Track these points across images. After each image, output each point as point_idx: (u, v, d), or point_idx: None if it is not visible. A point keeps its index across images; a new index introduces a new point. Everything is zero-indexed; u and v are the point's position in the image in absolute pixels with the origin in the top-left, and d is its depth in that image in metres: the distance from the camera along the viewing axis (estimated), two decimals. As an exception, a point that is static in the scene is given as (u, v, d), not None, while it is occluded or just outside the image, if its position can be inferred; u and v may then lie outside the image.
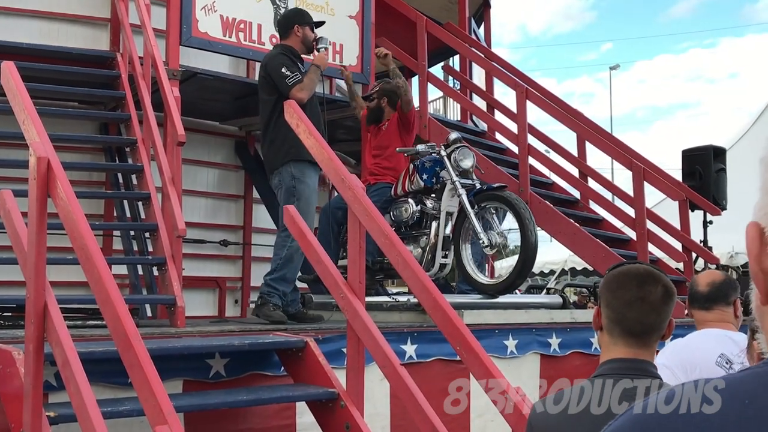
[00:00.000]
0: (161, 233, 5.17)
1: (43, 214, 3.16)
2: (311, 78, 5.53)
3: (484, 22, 11.10)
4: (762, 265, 0.85)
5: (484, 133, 9.30)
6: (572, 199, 8.55)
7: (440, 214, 5.83)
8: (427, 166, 6.00)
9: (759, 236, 0.85)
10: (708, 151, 8.63)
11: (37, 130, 3.34)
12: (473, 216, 5.58)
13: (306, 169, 5.43)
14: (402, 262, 3.74)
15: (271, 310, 5.27)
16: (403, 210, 6.01)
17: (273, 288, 5.35)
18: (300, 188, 5.43)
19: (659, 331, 2.14)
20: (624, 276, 2.14)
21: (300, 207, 5.25)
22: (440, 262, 5.79)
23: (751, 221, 0.87)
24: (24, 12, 6.83)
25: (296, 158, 5.37)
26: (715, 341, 2.90)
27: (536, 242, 5.55)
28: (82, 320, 4.76)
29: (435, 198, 5.95)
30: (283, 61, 5.56)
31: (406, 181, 6.14)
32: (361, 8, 7.58)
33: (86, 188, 6.94)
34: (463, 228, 5.76)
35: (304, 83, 5.46)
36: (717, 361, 2.88)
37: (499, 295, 5.70)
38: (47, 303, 3.13)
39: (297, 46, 5.81)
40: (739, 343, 2.99)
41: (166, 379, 3.82)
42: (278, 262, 5.40)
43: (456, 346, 3.48)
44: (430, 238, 5.82)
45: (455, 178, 5.74)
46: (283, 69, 5.48)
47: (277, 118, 5.37)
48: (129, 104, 6.20)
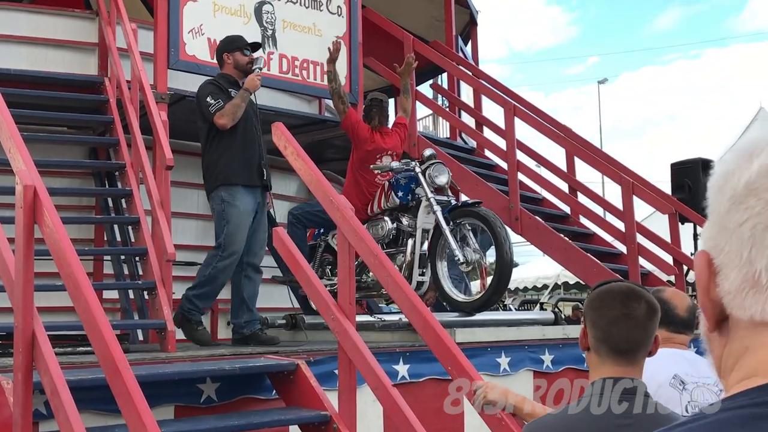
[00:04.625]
0: (151, 257, 5.15)
1: (30, 242, 3.15)
2: (235, 103, 5.58)
3: (471, 40, 11.16)
4: (710, 295, 0.85)
5: (473, 150, 9.33)
6: (563, 214, 8.57)
7: (416, 232, 5.79)
8: (402, 183, 5.98)
9: (707, 265, 0.86)
10: (696, 163, 8.68)
11: (23, 158, 3.34)
12: (448, 233, 5.56)
13: (236, 192, 5.52)
14: (392, 282, 3.74)
15: (195, 329, 5.32)
16: (379, 228, 5.98)
17: (194, 305, 5.39)
18: (229, 211, 5.49)
19: (646, 347, 2.15)
20: (607, 294, 2.15)
21: (229, 230, 5.42)
22: (417, 280, 5.76)
23: (700, 250, 0.88)
24: (11, 38, 6.83)
25: (225, 182, 5.49)
26: (669, 362, 2.89)
27: (512, 259, 5.57)
28: (72, 347, 4.74)
29: (411, 215, 5.91)
30: (210, 90, 5.67)
31: (382, 199, 6.12)
32: (348, 29, 7.61)
33: (76, 213, 6.92)
34: (439, 245, 5.72)
35: (225, 109, 5.54)
36: (671, 383, 2.88)
37: (476, 312, 5.69)
38: (35, 331, 3.11)
39: (232, 73, 5.89)
40: (692, 362, 3.00)
41: (157, 405, 3.82)
42: (202, 278, 5.44)
43: (447, 366, 3.48)
44: (406, 255, 5.78)
45: (430, 194, 5.71)
46: (208, 98, 5.60)
47: (209, 145, 5.56)
48: (117, 128, 6.21)
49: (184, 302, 5.40)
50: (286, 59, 7.19)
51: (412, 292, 3.74)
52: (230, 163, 5.50)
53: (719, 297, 0.85)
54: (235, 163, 5.54)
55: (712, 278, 0.85)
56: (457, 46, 10.01)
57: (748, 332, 0.83)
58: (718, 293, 0.85)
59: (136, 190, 5.72)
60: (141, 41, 6.30)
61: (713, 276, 0.85)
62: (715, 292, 0.85)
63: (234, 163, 5.53)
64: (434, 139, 8.95)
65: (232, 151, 5.55)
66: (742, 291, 0.82)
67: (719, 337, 0.88)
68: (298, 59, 7.25)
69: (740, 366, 0.84)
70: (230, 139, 5.59)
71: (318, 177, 4.15)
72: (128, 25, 6.15)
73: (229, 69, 5.92)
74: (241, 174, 5.55)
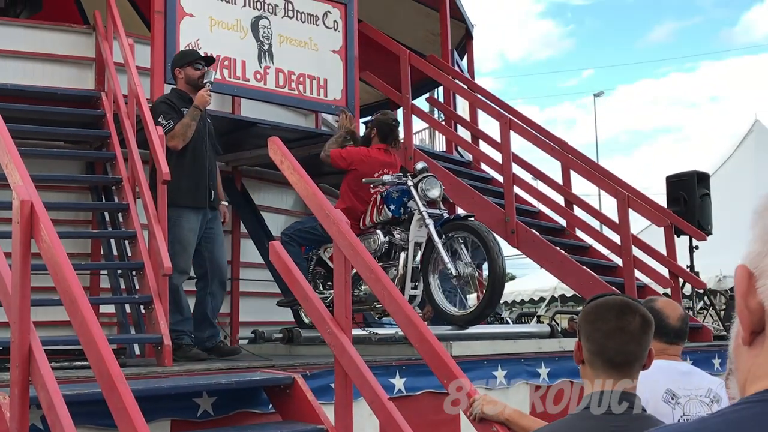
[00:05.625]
0: (147, 271, 5.16)
1: (26, 257, 3.16)
2: (185, 123, 5.58)
3: (467, 54, 11.21)
4: (748, 303, 0.87)
5: (469, 163, 9.36)
6: (558, 227, 8.59)
7: (408, 245, 5.78)
8: (394, 196, 5.96)
9: (748, 277, 0.88)
10: (692, 176, 8.71)
11: (19, 172, 3.35)
12: (441, 246, 5.55)
13: (182, 212, 5.56)
14: (387, 296, 3.75)
15: (188, 351, 5.37)
16: (371, 241, 5.95)
17: (179, 332, 5.42)
18: (174, 231, 5.50)
19: (640, 360, 2.16)
20: (602, 308, 2.17)
21: (175, 249, 5.45)
22: (410, 293, 5.75)
23: (741, 264, 0.90)
24: (8, 53, 6.85)
25: (172, 203, 5.45)
26: (662, 376, 2.89)
27: (504, 272, 5.55)
28: (69, 362, 4.73)
29: (403, 228, 5.90)
30: (162, 110, 5.68)
31: (374, 212, 6.12)
32: (344, 43, 7.65)
33: (73, 227, 6.93)
34: (431, 259, 5.71)
35: (174, 131, 5.56)
36: (663, 398, 2.89)
37: (468, 326, 5.69)
38: (32, 346, 3.11)
39: (184, 88, 5.89)
40: (685, 373, 3.02)
41: (154, 420, 3.82)
42: (170, 305, 5.42)
43: (443, 380, 3.48)
44: (398, 269, 5.76)
45: (422, 208, 5.70)
46: (160, 118, 5.60)
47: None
48: (114, 143, 6.22)
49: (171, 335, 5.43)
50: (283, 73, 7.23)
51: (407, 306, 3.75)
52: (178, 185, 5.47)
53: (758, 303, 0.86)
54: (183, 184, 5.55)
55: (751, 288, 0.87)
56: (452, 59, 10.06)
57: None
58: (759, 299, 0.86)
59: (132, 205, 5.72)
60: (138, 56, 6.33)
61: (753, 281, 0.87)
62: (754, 299, 0.87)
63: (181, 185, 5.53)
64: (430, 153, 8.99)
65: (181, 173, 5.53)
66: None
67: (749, 350, 0.89)
68: (295, 73, 7.29)
69: None
70: (180, 159, 5.60)
71: (314, 191, 4.17)
72: (125, 40, 6.18)
73: (181, 84, 5.91)
74: (187, 196, 5.58)
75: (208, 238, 5.74)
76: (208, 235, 5.74)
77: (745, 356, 0.89)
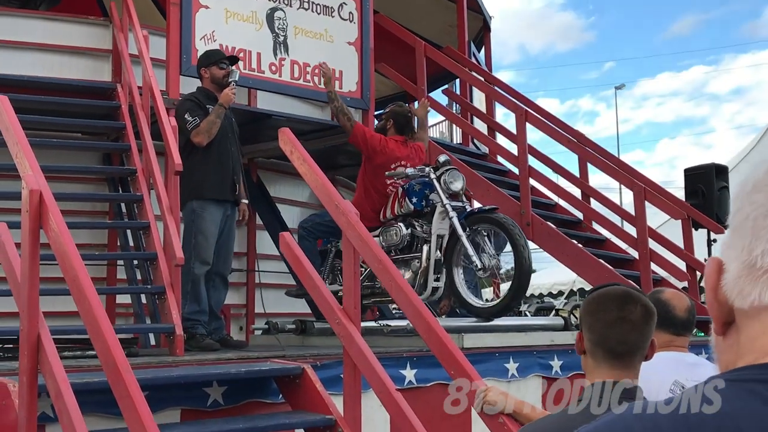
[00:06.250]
0: (160, 262, 5.19)
1: (35, 246, 3.18)
2: (210, 120, 5.70)
3: (485, 46, 11.16)
4: (717, 295, 0.88)
5: (485, 155, 9.32)
6: (575, 220, 8.54)
7: (431, 238, 5.78)
8: (416, 189, 5.97)
9: (717, 270, 0.88)
10: (710, 169, 8.63)
11: (29, 162, 3.37)
12: (465, 239, 5.55)
13: (207, 205, 5.69)
14: (395, 287, 3.74)
15: (201, 341, 5.42)
16: (393, 234, 5.97)
17: (193, 320, 5.50)
18: (198, 222, 5.65)
19: (642, 350, 2.14)
20: (603, 298, 2.15)
21: (198, 240, 5.59)
22: (432, 286, 5.75)
23: (713, 256, 0.91)
24: (26, 45, 6.90)
25: (197, 197, 5.65)
26: (669, 367, 2.86)
27: (530, 265, 5.54)
28: (82, 350, 4.77)
29: (425, 221, 5.91)
30: (188, 107, 5.81)
31: (395, 205, 6.11)
32: (359, 34, 7.63)
33: (89, 218, 6.98)
34: (455, 251, 5.71)
35: (200, 127, 5.68)
36: (671, 389, 2.85)
37: (494, 318, 5.68)
38: (40, 335, 3.14)
39: (209, 86, 6.00)
40: (692, 365, 2.98)
41: (163, 409, 3.84)
42: (187, 293, 5.54)
43: (450, 371, 3.47)
44: (421, 261, 5.77)
45: (445, 200, 5.71)
46: (186, 115, 5.74)
47: (186, 158, 5.63)
48: (129, 135, 6.26)
49: (184, 323, 5.48)
50: (298, 65, 7.22)
51: (416, 297, 3.74)
52: (204, 178, 5.67)
53: (725, 296, 0.87)
54: (209, 178, 5.70)
55: (719, 278, 0.88)
56: (470, 51, 10.01)
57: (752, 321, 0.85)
58: (724, 292, 0.87)
59: (146, 196, 5.76)
60: (154, 47, 6.35)
61: (720, 275, 0.88)
62: (721, 291, 0.87)
63: (208, 179, 5.69)
64: (446, 145, 8.96)
65: (207, 167, 5.70)
66: (740, 278, 0.84)
67: (725, 341, 0.89)
68: (310, 65, 7.28)
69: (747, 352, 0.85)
70: (206, 154, 5.72)
71: (324, 182, 4.17)
72: (140, 31, 6.20)
73: (207, 83, 6.03)
74: (213, 189, 5.72)
75: (222, 232, 5.80)
76: (223, 230, 5.80)
77: (722, 346, 0.90)
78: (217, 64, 6.02)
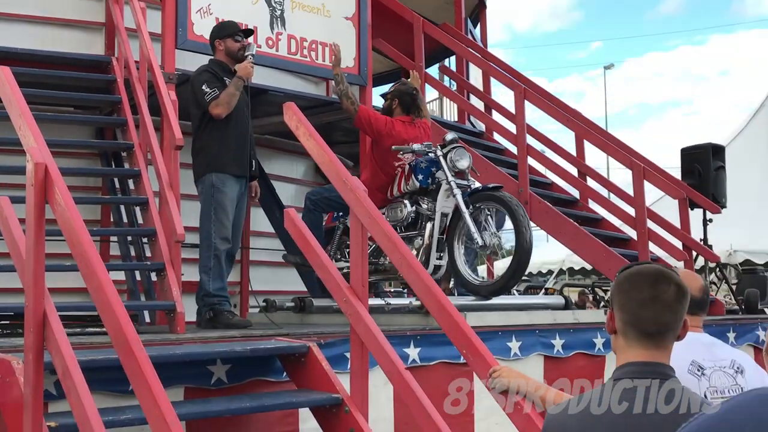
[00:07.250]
0: (159, 238, 5.11)
1: (41, 220, 3.11)
2: (230, 92, 5.60)
3: (480, 23, 11.07)
4: None
5: (481, 133, 9.26)
6: (572, 198, 8.51)
7: (435, 215, 5.76)
8: (422, 166, 5.94)
9: None
10: (707, 149, 8.61)
11: (34, 135, 3.29)
12: (468, 217, 5.53)
13: (226, 180, 5.59)
14: (405, 265, 3.69)
15: (230, 318, 5.35)
16: (398, 211, 5.95)
17: (219, 296, 5.43)
18: (218, 197, 5.55)
19: (675, 330, 2.10)
20: (636, 276, 2.10)
21: (217, 215, 5.50)
22: (434, 264, 5.73)
23: None
24: (19, 17, 6.77)
25: (217, 170, 5.55)
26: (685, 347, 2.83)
27: (531, 243, 5.52)
28: (82, 327, 4.71)
29: (430, 199, 5.88)
30: (205, 78, 5.68)
31: (402, 182, 6.07)
32: (357, 9, 7.53)
33: (83, 193, 6.87)
34: (457, 229, 5.70)
35: (220, 99, 5.57)
36: (689, 369, 2.83)
37: (492, 296, 5.66)
38: (46, 311, 3.07)
39: (224, 59, 5.90)
40: (708, 345, 2.97)
41: (167, 387, 3.74)
42: (209, 267, 5.47)
43: (462, 350, 3.43)
44: (424, 239, 5.74)
45: (451, 178, 5.68)
46: (204, 86, 5.62)
47: (203, 130, 5.60)
48: (125, 108, 6.15)
49: (209, 300, 5.41)
50: (295, 40, 7.12)
51: (426, 275, 3.69)
52: (224, 152, 5.57)
53: None
54: (229, 152, 5.60)
55: None
56: (466, 28, 9.93)
57: None
58: None
59: (144, 171, 5.68)
60: (149, 21, 6.24)
61: None
62: None
63: (228, 152, 5.59)
64: (441, 123, 8.88)
65: (226, 140, 5.60)
66: None
67: None
68: (307, 40, 7.18)
69: None
70: (224, 127, 5.62)
71: (331, 157, 4.10)
72: (137, 3, 6.09)
73: (221, 56, 5.92)
74: (233, 164, 5.62)
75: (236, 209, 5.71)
76: (237, 206, 5.72)
77: None
78: (232, 36, 5.91)
